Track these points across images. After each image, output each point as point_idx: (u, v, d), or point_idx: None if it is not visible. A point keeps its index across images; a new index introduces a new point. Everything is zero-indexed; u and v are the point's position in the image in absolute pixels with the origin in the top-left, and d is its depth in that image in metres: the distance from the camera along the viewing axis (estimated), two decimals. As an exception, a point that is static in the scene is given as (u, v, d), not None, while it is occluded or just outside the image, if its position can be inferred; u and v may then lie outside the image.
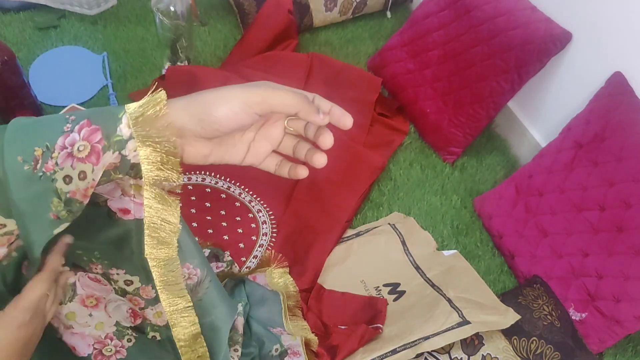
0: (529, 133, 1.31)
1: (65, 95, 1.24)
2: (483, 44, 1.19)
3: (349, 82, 1.37)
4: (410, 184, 1.25)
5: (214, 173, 1.15)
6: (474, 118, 1.24)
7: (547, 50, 1.11)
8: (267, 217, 1.11)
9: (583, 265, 0.99)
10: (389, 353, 0.85)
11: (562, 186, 1.05)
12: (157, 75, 1.32)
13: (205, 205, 1.10)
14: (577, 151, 1.04)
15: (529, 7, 1.18)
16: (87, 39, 1.39)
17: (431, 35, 1.32)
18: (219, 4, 1.56)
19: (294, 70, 1.36)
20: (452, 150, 1.30)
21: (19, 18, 1.40)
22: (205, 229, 1.06)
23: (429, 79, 1.32)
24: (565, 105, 1.18)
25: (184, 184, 1.12)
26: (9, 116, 1.11)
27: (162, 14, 1.20)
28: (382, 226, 1.14)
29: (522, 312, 0.94)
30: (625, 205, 0.94)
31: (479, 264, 1.12)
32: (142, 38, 1.42)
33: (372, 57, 1.50)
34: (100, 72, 1.32)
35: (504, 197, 1.16)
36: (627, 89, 1.01)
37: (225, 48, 1.45)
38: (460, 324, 0.88)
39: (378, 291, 1.02)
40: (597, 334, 0.96)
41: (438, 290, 0.99)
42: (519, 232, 1.11)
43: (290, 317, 0.92)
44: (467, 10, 1.24)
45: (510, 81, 1.16)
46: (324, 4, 1.50)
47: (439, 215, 1.20)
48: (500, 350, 0.89)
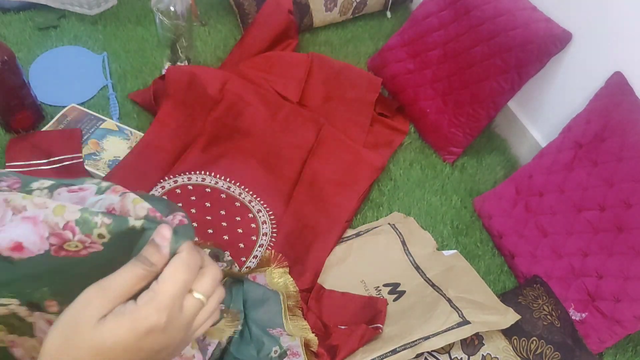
0: (529, 133, 1.31)
1: (65, 95, 1.24)
2: (483, 44, 1.19)
3: (349, 82, 1.37)
4: (410, 184, 1.25)
5: (214, 173, 1.15)
6: (474, 118, 1.24)
7: (547, 50, 1.11)
8: (267, 217, 1.11)
9: (583, 265, 0.99)
10: (389, 353, 0.85)
11: (562, 186, 1.05)
12: (157, 75, 1.32)
13: (205, 205, 1.10)
14: (577, 151, 1.04)
15: (529, 7, 1.18)
16: (87, 39, 1.39)
17: (431, 35, 1.32)
18: (219, 4, 1.56)
19: (293, 70, 1.36)
20: (452, 150, 1.30)
21: (19, 18, 1.40)
22: (206, 228, 1.06)
23: (429, 79, 1.32)
24: (565, 105, 1.18)
25: (184, 184, 1.12)
26: (9, 116, 1.11)
27: (162, 14, 1.20)
28: (382, 226, 1.14)
29: (522, 312, 0.94)
30: (625, 205, 0.94)
31: (479, 264, 1.12)
32: (142, 38, 1.42)
33: (372, 57, 1.50)
34: (100, 72, 1.32)
35: (504, 197, 1.16)
36: (627, 89, 1.01)
37: (225, 48, 1.45)
38: (460, 324, 0.88)
39: (378, 291, 1.02)
40: (597, 334, 0.96)
41: (438, 290, 0.99)
42: (519, 232, 1.11)
43: (290, 317, 0.91)
44: (467, 10, 1.24)
45: (510, 81, 1.16)
46: (324, 4, 1.50)
47: (439, 215, 1.20)
48: (500, 350, 0.89)
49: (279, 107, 1.26)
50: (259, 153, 1.20)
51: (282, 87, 1.33)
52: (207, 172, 1.15)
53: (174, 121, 1.21)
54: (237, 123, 1.21)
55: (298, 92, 1.33)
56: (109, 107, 1.25)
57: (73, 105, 1.21)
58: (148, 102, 1.25)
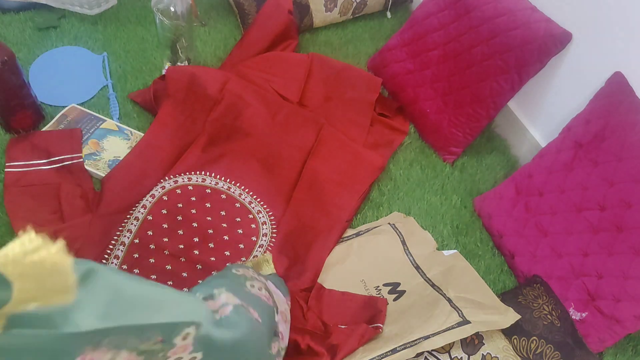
0: (529, 133, 1.31)
1: (65, 96, 1.24)
2: (483, 44, 1.19)
3: (349, 82, 1.37)
4: (410, 184, 1.25)
5: (214, 174, 1.15)
6: (474, 118, 1.24)
7: (547, 50, 1.11)
8: (267, 218, 1.11)
9: (583, 265, 0.99)
10: (389, 352, 0.85)
11: (562, 186, 1.05)
12: (157, 75, 1.32)
13: (205, 206, 1.10)
14: (577, 151, 1.04)
15: (529, 7, 1.18)
16: (87, 39, 1.39)
17: (431, 36, 1.32)
18: (219, 4, 1.56)
19: (294, 70, 1.36)
20: (452, 150, 1.30)
21: (19, 18, 1.40)
22: (206, 229, 1.06)
23: (429, 79, 1.32)
24: (565, 105, 1.18)
25: (184, 185, 1.12)
26: (9, 116, 1.11)
27: (162, 14, 1.20)
28: (382, 226, 1.14)
29: (522, 312, 0.94)
30: (625, 205, 0.94)
31: (479, 264, 1.13)
32: (142, 38, 1.42)
33: (372, 57, 1.50)
34: (100, 72, 1.32)
35: (504, 197, 1.16)
36: (627, 89, 1.01)
37: (225, 48, 1.45)
38: (460, 324, 0.88)
39: (378, 291, 1.02)
40: (597, 334, 0.96)
41: (438, 290, 0.99)
42: (519, 231, 1.11)
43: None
44: (467, 10, 1.24)
45: (510, 81, 1.16)
46: (324, 4, 1.50)
47: (439, 215, 1.20)
48: (500, 350, 0.89)
49: (279, 107, 1.26)
50: (259, 153, 1.20)
51: (282, 87, 1.33)
52: (207, 172, 1.15)
53: (174, 121, 1.21)
54: (237, 123, 1.21)
55: (298, 92, 1.33)
56: (109, 107, 1.25)
57: (73, 105, 1.21)
58: (148, 102, 1.25)
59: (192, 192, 1.11)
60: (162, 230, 1.04)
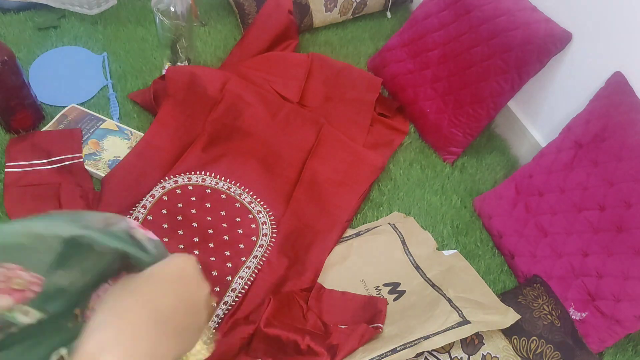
0: (529, 133, 1.31)
1: (65, 96, 1.24)
2: (483, 44, 1.19)
3: (349, 82, 1.37)
4: (410, 183, 1.25)
5: (214, 174, 1.15)
6: (474, 118, 1.24)
7: (547, 50, 1.11)
8: (267, 218, 1.11)
9: (583, 265, 0.99)
10: (389, 352, 0.85)
11: (562, 186, 1.05)
12: (157, 75, 1.32)
13: (205, 205, 1.10)
14: (577, 151, 1.04)
15: (529, 7, 1.18)
16: (87, 39, 1.39)
17: (431, 36, 1.32)
18: (219, 4, 1.56)
19: (294, 70, 1.36)
20: (452, 150, 1.30)
21: (19, 18, 1.40)
22: (206, 229, 1.06)
23: (429, 79, 1.32)
24: (565, 105, 1.18)
25: (184, 185, 1.12)
26: (9, 116, 1.11)
27: (162, 14, 1.20)
28: (382, 226, 1.14)
29: (522, 312, 0.94)
30: (625, 205, 0.94)
31: (479, 264, 1.12)
32: (142, 38, 1.42)
33: (372, 57, 1.50)
34: (100, 72, 1.32)
35: (504, 197, 1.16)
36: (627, 89, 1.01)
37: (225, 48, 1.45)
38: (460, 324, 0.88)
39: (378, 291, 1.02)
40: (597, 334, 0.96)
41: (438, 290, 0.99)
42: (519, 231, 1.11)
43: None
44: (467, 10, 1.24)
45: (510, 81, 1.16)
46: (324, 4, 1.50)
47: (439, 215, 1.20)
48: (500, 350, 0.89)
49: (279, 107, 1.26)
50: (259, 153, 1.20)
51: (282, 87, 1.33)
52: (207, 172, 1.15)
53: (174, 121, 1.21)
54: (237, 123, 1.21)
55: (298, 92, 1.33)
56: (109, 107, 1.25)
57: (73, 105, 1.21)
58: (148, 102, 1.25)
59: (192, 192, 1.11)
60: (162, 230, 1.04)
